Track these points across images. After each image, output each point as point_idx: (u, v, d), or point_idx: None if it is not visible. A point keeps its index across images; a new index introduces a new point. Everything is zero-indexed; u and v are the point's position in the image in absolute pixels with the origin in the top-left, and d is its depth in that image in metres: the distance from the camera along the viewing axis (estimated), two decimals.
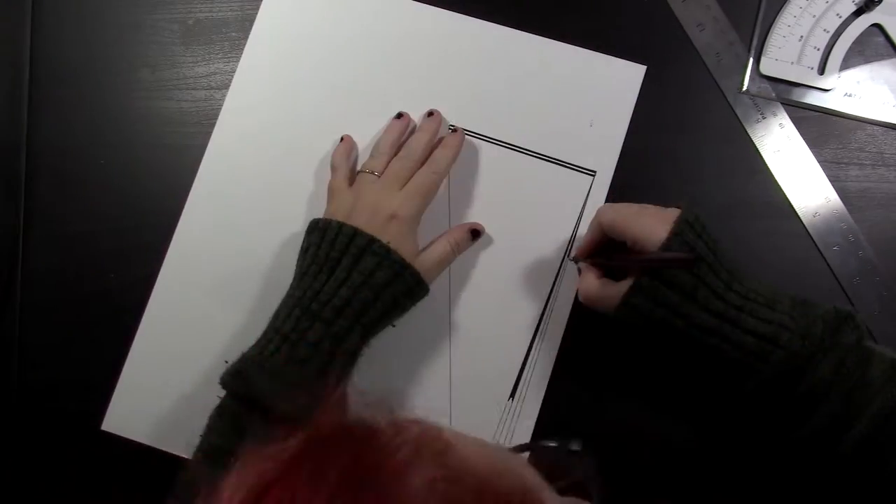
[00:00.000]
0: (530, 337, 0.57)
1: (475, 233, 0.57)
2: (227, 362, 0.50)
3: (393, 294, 0.51)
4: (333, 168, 0.57)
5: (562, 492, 0.31)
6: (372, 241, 0.51)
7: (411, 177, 0.55)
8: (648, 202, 0.57)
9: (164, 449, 0.56)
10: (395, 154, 0.56)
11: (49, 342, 0.59)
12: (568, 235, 0.57)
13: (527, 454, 0.41)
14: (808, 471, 0.53)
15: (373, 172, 0.55)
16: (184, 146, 0.60)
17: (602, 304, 0.50)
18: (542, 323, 0.57)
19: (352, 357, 0.51)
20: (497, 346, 0.57)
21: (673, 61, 0.59)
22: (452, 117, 0.59)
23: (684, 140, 0.59)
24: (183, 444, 0.56)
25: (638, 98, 0.59)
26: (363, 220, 0.52)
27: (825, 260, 0.57)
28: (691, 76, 0.59)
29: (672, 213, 0.48)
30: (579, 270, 0.55)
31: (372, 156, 0.56)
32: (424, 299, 0.54)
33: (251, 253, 0.59)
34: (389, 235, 0.52)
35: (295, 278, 0.53)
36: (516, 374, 0.56)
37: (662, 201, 0.58)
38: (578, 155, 0.58)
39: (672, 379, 0.55)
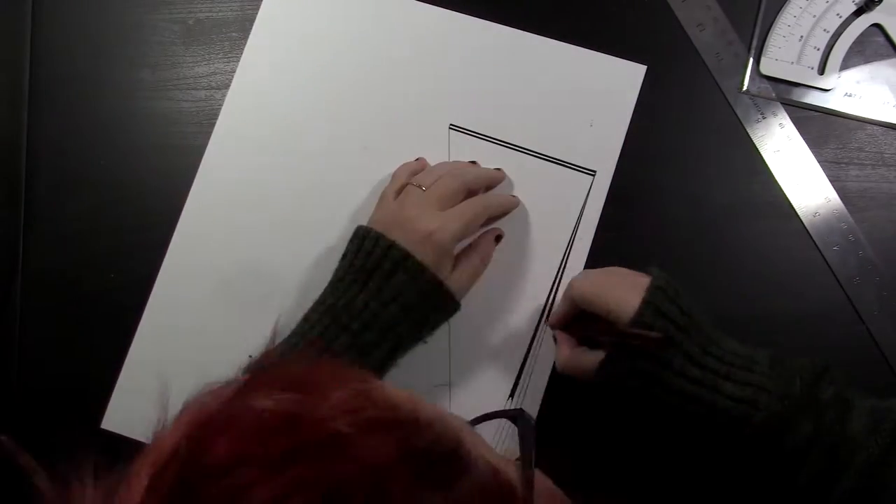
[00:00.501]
0: (531, 335, 0.57)
1: (498, 238, 0.57)
2: (250, 356, 0.50)
3: (423, 311, 0.51)
4: (393, 178, 0.57)
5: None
6: (406, 256, 0.50)
7: (457, 198, 0.54)
8: (648, 202, 0.58)
9: None
10: None
11: (49, 342, 0.59)
12: (568, 235, 0.57)
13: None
14: None
15: (420, 186, 0.54)
16: (184, 146, 0.60)
17: (577, 373, 0.50)
18: (543, 321, 0.57)
19: (377, 372, 0.50)
20: (497, 343, 0.57)
21: (673, 61, 0.59)
22: (452, 116, 0.59)
23: (684, 140, 0.59)
24: None
25: (638, 98, 0.59)
26: (400, 234, 0.51)
27: (825, 260, 0.57)
28: (691, 76, 0.59)
29: (644, 280, 0.48)
30: (555, 339, 0.55)
31: (425, 172, 0.56)
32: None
33: (250, 252, 0.59)
34: (425, 255, 0.51)
35: (330, 283, 0.53)
36: (517, 371, 0.56)
37: (662, 201, 0.58)
38: (578, 155, 0.58)
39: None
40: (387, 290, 0.50)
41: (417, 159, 0.58)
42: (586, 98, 0.59)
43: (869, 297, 0.56)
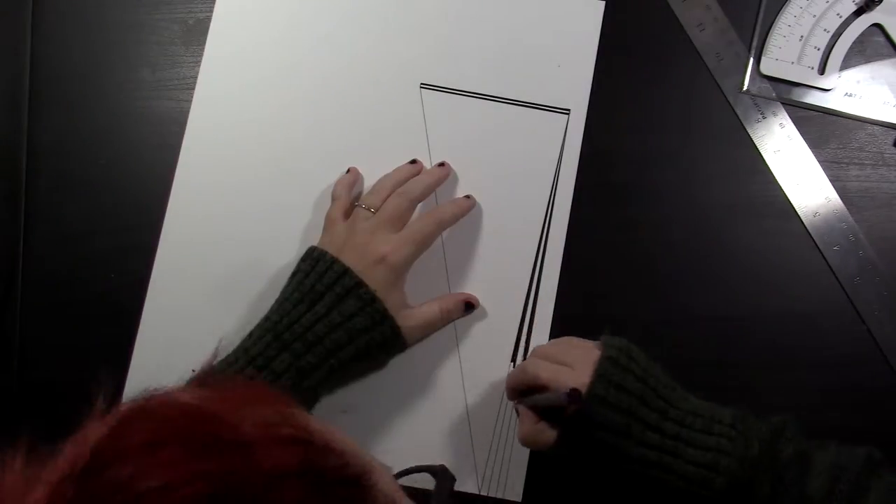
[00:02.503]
0: (525, 287, 0.57)
1: (469, 305, 0.56)
2: (193, 371, 0.50)
3: (367, 342, 0.51)
4: (334, 198, 0.56)
5: None
6: (359, 284, 0.50)
7: (406, 217, 0.54)
8: (648, 204, 0.58)
9: None
10: None
11: (49, 342, 0.59)
12: (551, 178, 0.58)
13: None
14: None
15: (369, 209, 0.54)
16: None
17: (539, 448, 0.49)
18: (537, 266, 0.57)
19: (310, 396, 0.51)
20: (495, 300, 0.57)
21: (673, 61, 0.59)
22: (421, 76, 0.60)
23: (684, 140, 0.59)
24: None
25: (638, 98, 0.59)
26: (352, 259, 0.51)
27: (825, 260, 0.57)
28: (691, 76, 0.59)
29: (597, 353, 0.47)
30: (517, 410, 0.53)
31: (371, 192, 0.56)
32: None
33: (234, 245, 0.59)
34: (376, 280, 0.51)
35: (276, 301, 0.52)
36: (517, 327, 0.57)
37: (662, 202, 0.58)
38: (551, 96, 0.59)
39: None
40: (335, 314, 0.50)
41: (349, 170, 0.58)
42: (551, 40, 0.60)
43: (869, 297, 0.56)
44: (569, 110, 0.59)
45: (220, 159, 0.60)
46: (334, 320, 0.50)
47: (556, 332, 0.57)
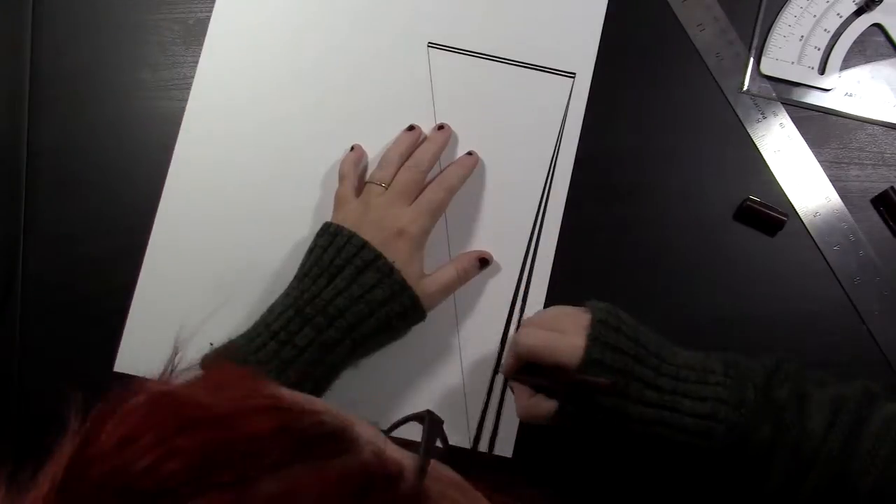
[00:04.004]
0: (525, 243, 0.58)
1: (483, 261, 0.56)
2: (211, 344, 0.50)
3: (388, 313, 0.51)
4: (342, 177, 0.57)
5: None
6: (378, 257, 0.51)
7: (418, 189, 0.55)
8: (648, 204, 0.58)
9: None
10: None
11: (49, 342, 0.59)
12: (554, 140, 0.59)
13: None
14: None
15: (380, 184, 0.54)
16: None
17: (538, 422, 0.49)
18: (537, 224, 0.58)
19: (334, 370, 0.51)
20: (496, 252, 0.58)
21: (673, 61, 0.59)
22: (429, 35, 0.60)
23: (684, 140, 0.59)
24: None
25: (638, 98, 0.59)
26: (371, 234, 0.52)
27: (825, 260, 0.57)
28: (691, 76, 0.59)
29: (587, 318, 0.47)
30: (511, 388, 0.53)
31: (379, 166, 0.56)
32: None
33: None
34: (396, 253, 0.52)
35: (296, 277, 0.53)
36: (512, 291, 0.57)
37: (662, 202, 0.58)
38: (557, 59, 0.60)
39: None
40: (355, 287, 0.50)
41: (352, 147, 0.58)
42: (560, 3, 0.60)
43: (869, 297, 0.56)
44: (574, 74, 0.59)
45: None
46: (354, 293, 0.50)
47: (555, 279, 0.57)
